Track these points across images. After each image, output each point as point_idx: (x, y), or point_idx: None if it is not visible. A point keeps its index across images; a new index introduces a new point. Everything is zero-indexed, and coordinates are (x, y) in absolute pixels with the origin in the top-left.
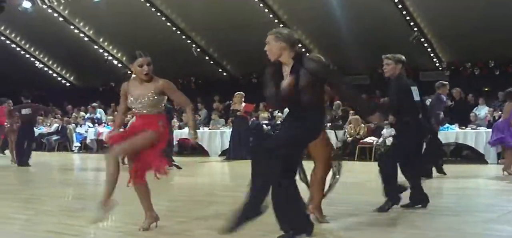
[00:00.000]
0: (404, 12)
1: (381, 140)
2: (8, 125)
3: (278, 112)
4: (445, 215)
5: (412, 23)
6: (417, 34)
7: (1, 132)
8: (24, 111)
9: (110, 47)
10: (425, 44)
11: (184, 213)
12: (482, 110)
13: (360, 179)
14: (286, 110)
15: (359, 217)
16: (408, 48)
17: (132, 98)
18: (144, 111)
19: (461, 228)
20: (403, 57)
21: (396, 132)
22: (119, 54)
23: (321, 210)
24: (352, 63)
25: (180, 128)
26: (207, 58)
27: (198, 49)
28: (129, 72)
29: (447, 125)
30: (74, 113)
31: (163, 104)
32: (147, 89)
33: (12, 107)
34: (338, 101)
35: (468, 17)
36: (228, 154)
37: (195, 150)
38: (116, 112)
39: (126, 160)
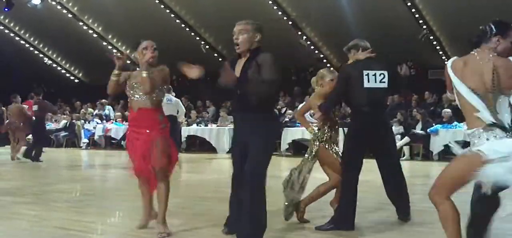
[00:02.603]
0: (413, 10)
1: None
2: (16, 122)
3: (288, 109)
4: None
5: (421, 21)
6: (426, 32)
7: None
8: (33, 107)
9: (119, 43)
10: (434, 42)
11: (191, 210)
12: None
13: (370, 177)
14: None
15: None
16: (417, 45)
17: (134, 84)
18: (147, 103)
19: None
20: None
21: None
22: (127, 51)
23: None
24: None
25: (188, 124)
26: (215, 55)
27: (207, 46)
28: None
29: (455, 123)
30: (82, 110)
31: (163, 97)
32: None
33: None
34: None
35: (477, 14)
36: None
37: (203, 146)
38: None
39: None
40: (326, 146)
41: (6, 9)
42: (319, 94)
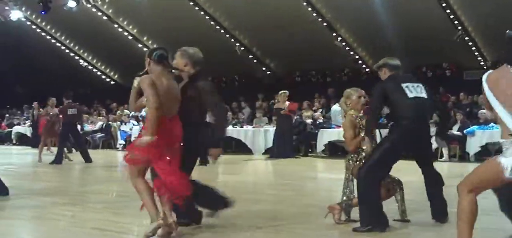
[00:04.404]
0: (448, 11)
1: None
2: (50, 125)
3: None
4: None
5: (456, 22)
6: (461, 33)
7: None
8: (70, 111)
9: (154, 46)
10: (470, 43)
11: (228, 211)
12: None
13: (408, 178)
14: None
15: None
16: (452, 47)
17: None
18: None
19: (499, 227)
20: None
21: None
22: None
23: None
24: None
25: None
26: (250, 56)
27: (242, 48)
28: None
29: (492, 124)
30: (118, 111)
31: None
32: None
33: (59, 108)
34: None
35: None
36: (272, 153)
37: (238, 147)
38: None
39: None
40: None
41: (42, 12)
42: (349, 123)
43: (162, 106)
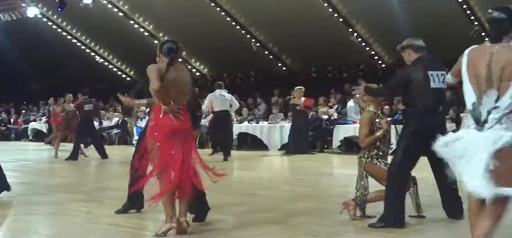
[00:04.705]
0: (464, 6)
1: None
2: (66, 121)
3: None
4: None
5: (472, 18)
6: (478, 29)
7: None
8: (86, 107)
9: None
10: (486, 39)
11: (244, 206)
12: None
13: (422, 175)
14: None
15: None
16: (469, 42)
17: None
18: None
19: None
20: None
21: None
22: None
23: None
24: None
25: (239, 122)
26: (266, 52)
27: (258, 44)
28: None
29: None
30: (134, 108)
31: None
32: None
33: (75, 104)
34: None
35: None
36: (288, 148)
37: (254, 143)
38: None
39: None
40: (374, 161)
41: (59, 9)
42: (367, 119)
43: (168, 95)
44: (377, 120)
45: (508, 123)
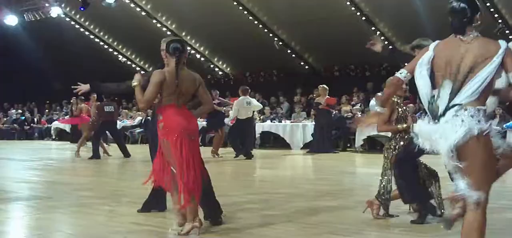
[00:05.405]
0: (488, 4)
1: None
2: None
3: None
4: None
5: (496, 15)
6: (501, 26)
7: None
8: (107, 108)
9: (192, 41)
10: (510, 36)
11: (265, 205)
12: None
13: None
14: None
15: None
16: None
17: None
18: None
19: None
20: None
21: None
22: (201, 48)
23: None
24: None
25: (262, 120)
26: (289, 51)
27: (280, 43)
28: (211, 65)
29: None
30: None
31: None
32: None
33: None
34: None
35: None
36: (312, 147)
37: (277, 142)
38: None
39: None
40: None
41: (82, 8)
42: (390, 105)
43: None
44: (399, 109)
45: (465, 115)
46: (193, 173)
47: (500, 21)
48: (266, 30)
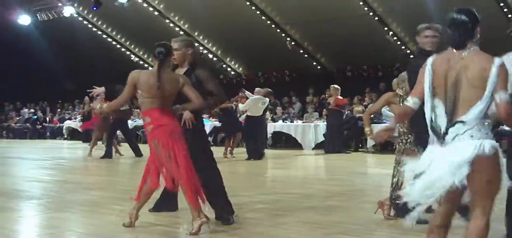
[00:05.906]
0: (501, 4)
1: None
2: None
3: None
4: None
5: (510, 15)
6: None
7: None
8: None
9: (205, 41)
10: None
11: (277, 205)
12: None
13: None
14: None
15: None
16: (505, 40)
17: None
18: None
19: None
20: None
21: None
22: (213, 48)
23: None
24: None
25: (274, 120)
26: (301, 51)
27: (293, 43)
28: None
29: None
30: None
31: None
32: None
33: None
34: None
35: None
36: (324, 147)
37: (289, 142)
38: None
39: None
40: (413, 147)
41: (94, 8)
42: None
43: (154, 99)
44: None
45: (474, 131)
46: (187, 171)
47: None
48: (278, 30)
